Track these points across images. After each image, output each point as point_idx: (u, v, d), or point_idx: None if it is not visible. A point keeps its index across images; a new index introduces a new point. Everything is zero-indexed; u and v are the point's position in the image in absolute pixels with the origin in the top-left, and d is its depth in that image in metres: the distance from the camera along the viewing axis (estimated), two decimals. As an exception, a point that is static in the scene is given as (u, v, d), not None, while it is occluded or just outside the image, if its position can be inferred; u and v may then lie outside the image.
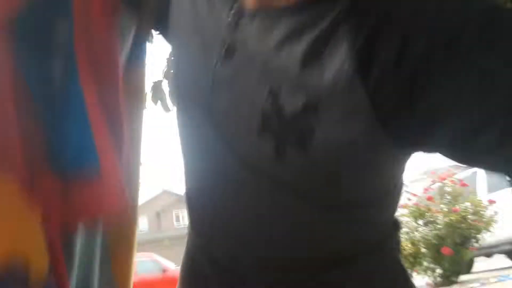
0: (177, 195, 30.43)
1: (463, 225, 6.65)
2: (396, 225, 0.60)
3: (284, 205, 0.49)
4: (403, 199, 7.15)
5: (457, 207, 6.68)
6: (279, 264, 0.55)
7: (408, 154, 0.48)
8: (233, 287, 0.57)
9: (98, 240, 0.54)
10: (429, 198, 6.91)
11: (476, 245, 6.75)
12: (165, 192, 31.40)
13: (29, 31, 0.47)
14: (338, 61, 0.40)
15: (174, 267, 12.67)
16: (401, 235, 0.64)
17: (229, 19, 0.49)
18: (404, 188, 0.59)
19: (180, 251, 0.70)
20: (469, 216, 6.64)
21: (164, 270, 12.69)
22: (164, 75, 1.68)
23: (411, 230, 7.35)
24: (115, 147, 0.51)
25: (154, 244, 23.03)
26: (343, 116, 0.41)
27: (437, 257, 7.05)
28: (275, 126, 0.44)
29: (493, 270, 7.29)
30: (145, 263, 12.81)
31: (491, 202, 6.46)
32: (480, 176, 7.43)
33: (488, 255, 7.82)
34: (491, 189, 7.12)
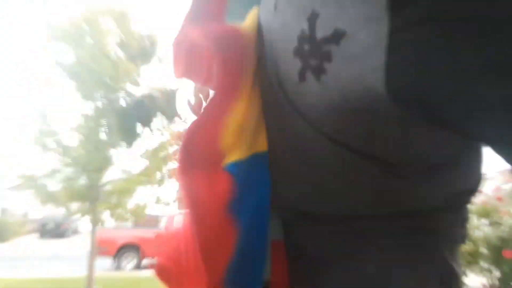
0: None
1: (531, 231, 6.27)
2: (451, 215, 0.58)
3: (307, 140, 0.52)
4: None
5: (528, 211, 6.33)
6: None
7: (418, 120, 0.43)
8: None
9: None
10: (499, 198, 6.56)
11: (542, 253, 6.35)
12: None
13: None
14: None
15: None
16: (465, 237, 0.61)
17: None
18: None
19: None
20: (540, 223, 6.24)
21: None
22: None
23: (473, 228, 7.07)
24: None
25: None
26: (361, 51, 0.40)
27: (497, 260, 6.77)
28: (305, 49, 0.46)
29: (559, 282, 6.83)
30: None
31: None
32: (559, 182, 6.89)
33: (555, 265, 7.30)
34: None
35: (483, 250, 6.79)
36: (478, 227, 6.96)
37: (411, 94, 0.38)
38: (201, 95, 0.70)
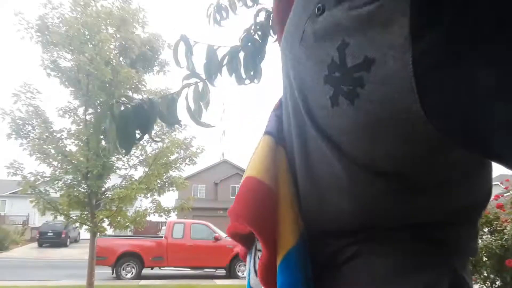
0: (236, 167, 31.12)
1: (533, 239, 6.23)
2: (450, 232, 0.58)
3: (336, 169, 0.55)
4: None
5: (529, 219, 6.29)
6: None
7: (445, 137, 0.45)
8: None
9: None
10: (499, 206, 6.51)
11: (545, 262, 6.30)
12: (225, 162, 32.17)
13: None
14: (397, 27, 0.43)
15: (225, 237, 13.11)
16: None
17: None
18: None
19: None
20: (541, 231, 6.20)
21: (217, 239, 13.18)
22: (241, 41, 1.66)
23: (474, 237, 7.01)
24: None
25: (209, 212, 23.92)
26: (392, 76, 0.44)
27: (499, 269, 6.72)
28: (336, 76, 0.50)
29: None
30: (201, 229, 13.30)
31: None
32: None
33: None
34: None
35: (485, 259, 6.76)
36: (481, 237, 6.94)
37: (444, 113, 0.42)
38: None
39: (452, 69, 0.40)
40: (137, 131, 1.51)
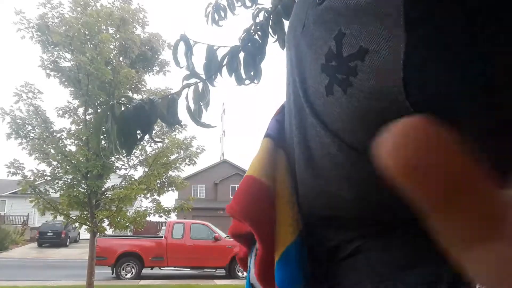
0: (236, 166, 31.20)
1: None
2: None
3: (330, 151, 0.55)
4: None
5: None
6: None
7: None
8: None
9: None
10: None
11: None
12: (225, 162, 32.24)
13: None
14: (391, 19, 0.43)
15: (225, 237, 13.14)
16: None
17: None
18: None
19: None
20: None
21: (216, 239, 13.21)
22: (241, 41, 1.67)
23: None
24: None
25: (209, 212, 23.99)
26: (384, 66, 0.44)
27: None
28: (332, 65, 0.51)
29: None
30: (200, 229, 13.30)
31: None
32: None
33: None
34: None
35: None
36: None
37: (430, 107, 0.42)
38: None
39: (443, 63, 0.41)
40: (138, 132, 1.52)
